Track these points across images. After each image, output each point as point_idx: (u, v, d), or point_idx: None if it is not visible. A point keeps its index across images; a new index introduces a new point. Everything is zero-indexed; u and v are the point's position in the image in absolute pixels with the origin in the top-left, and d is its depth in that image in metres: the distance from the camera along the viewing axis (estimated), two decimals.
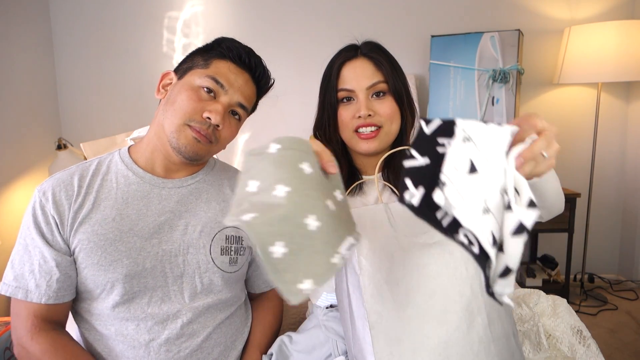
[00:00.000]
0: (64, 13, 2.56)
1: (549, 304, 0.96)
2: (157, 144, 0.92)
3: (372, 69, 0.96)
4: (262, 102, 1.06)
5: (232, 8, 2.58)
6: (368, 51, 0.98)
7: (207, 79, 0.89)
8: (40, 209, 0.86)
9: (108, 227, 0.86)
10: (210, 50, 0.93)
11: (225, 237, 0.95)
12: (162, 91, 0.95)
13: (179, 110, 0.88)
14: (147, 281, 0.87)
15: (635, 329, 2.22)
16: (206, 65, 0.91)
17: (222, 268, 0.94)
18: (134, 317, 0.87)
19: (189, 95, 0.88)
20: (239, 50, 0.92)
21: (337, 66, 0.99)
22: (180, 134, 0.88)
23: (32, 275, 0.84)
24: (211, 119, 0.88)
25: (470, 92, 2.31)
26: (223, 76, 0.90)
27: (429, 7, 2.57)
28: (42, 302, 0.84)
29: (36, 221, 0.86)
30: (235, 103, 0.92)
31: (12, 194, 2.22)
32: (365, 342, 0.72)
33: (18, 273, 0.85)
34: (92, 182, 0.90)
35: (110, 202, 0.88)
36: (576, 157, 2.68)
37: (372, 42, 1.01)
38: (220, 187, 1.00)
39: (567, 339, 0.89)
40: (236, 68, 0.92)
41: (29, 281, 0.84)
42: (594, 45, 2.26)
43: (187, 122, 0.87)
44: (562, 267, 2.58)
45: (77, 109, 2.64)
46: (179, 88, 0.90)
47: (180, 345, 0.89)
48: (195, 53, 0.95)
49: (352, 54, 0.98)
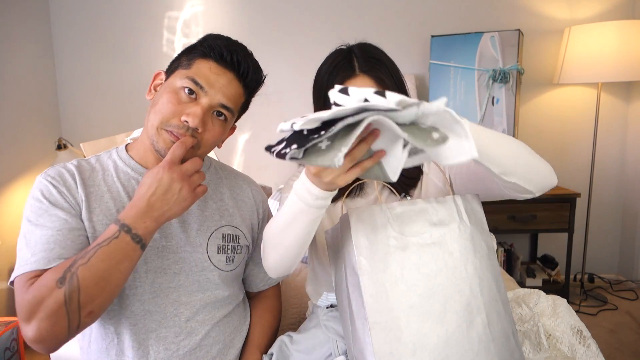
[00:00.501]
0: (64, 13, 2.56)
1: (549, 304, 0.96)
2: (148, 144, 0.91)
3: (373, 88, 0.93)
4: (261, 102, 1.06)
5: (232, 8, 2.58)
6: (368, 68, 0.92)
7: (187, 81, 0.86)
8: (53, 188, 0.84)
9: (112, 218, 0.86)
10: (193, 50, 0.90)
11: (222, 236, 0.96)
12: (152, 92, 0.93)
13: (158, 113, 0.86)
14: (147, 277, 0.88)
15: (635, 329, 2.22)
16: (189, 65, 0.88)
17: (218, 266, 0.94)
18: (132, 314, 0.87)
19: (169, 98, 0.86)
20: (220, 49, 0.88)
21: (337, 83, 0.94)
22: (159, 137, 0.86)
23: (54, 245, 0.79)
24: (189, 122, 0.84)
25: (470, 92, 2.31)
26: (203, 77, 0.86)
27: (429, 7, 2.57)
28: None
29: (52, 199, 0.83)
30: (217, 104, 0.88)
31: (12, 194, 2.22)
32: (365, 342, 0.72)
33: (36, 248, 0.79)
34: (93, 176, 0.90)
35: (113, 195, 0.89)
36: (576, 157, 2.68)
37: (367, 49, 0.95)
38: (216, 187, 1.00)
39: (567, 339, 0.89)
40: (218, 67, 0.88)
41: (51, 250, 0.78)
42: (594, 45, 2.26)
43: (164, 127, 0.85)
44: (562, 267, 2.58)
45: (77, 109, 2.64)
46: (162, 90, 0.89)
47: (179, 343, 0.89)
48: (182, 52, 0.93)
49: (351, 72, 0.92)
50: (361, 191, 1.02)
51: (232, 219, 0.99)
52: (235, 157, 2.70)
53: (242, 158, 2.71)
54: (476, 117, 2.31)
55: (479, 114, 2.31)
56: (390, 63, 0.95)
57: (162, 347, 0.88)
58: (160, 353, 0.87)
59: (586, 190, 2.52)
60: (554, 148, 2.69)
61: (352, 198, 1.01)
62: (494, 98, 2.27)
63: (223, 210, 0.98)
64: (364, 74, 0.91)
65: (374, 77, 0.91)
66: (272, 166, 2.67)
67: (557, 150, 2.69)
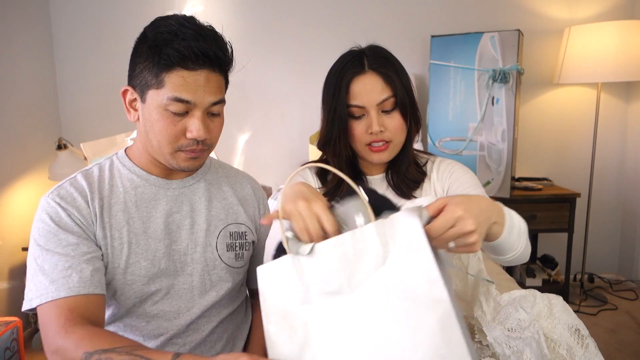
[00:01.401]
0: (64, 14, 2.56)
1: (545, 304, 0.95)
2: (150, 158, 0.91)
3: (381, 84, 0.95)
4: (262, 102, 1.06)
5: (232, 8, 2.58)
6: (377, 65, 0.96)
7: (172, 102, 0.80)
8: (62, 211, 0.83)
9: (123, 231, 0.87)
10: (152, 62, 0.80)
11: (229, 234, 0.97)
12: (132, 111, 0.88)
13: (162, 139, 0.83)
14: (162, 280, 0.89)
15: (635, 329, 2.22)
16: (159, 84, 0.80)
17: (229, 264, 0.96)
18: (145, 315, 0.89)
19: (164, 124, 0.82)
20: (183, 52, 0.78)
21: (346, 81, 0.97)
22: (177, 159, 0.86)
23: (71, 270, 0.78)
24: (196, 137, 0.83)
25: (470, 92, 2.31)
26: (183, 91, 0.80)
27: (429, 7, 2.57)
28: (89, 292, 0.78)
29: (61, 223, 0.82)
30: (209, 105, 0.84)
31: (12, 194, 2.22)
32: None
33: (53, 277, 0.78)
34: (101, 188, 0.89)
35: (121, 207, 0.88)
36: (576, 157, 2.68)
37: (378, 50, 0.99)
38: (219, 186, 1.01)
39: (564, 341, 0.88)
40: (190, 73, 0.80)
41: (68, 278, 0.78)
42: (593, 45, 2.27)
43: (176, 150, 0.85)
44: (562, 267, 2.58)
45: (77, 109, 2.64)
46: (148, 113, 0.83)
47: (186, 339, 0.91)
48: (136, 63, 0.84)
49: (360, 69, 0.96)
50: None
51: (237, 217, 1.00)
52: (235, 157, 2.70)
53: (242, 158, 2.71)
54: (476, 117, 2.32)
55: (479, 114, 2.31)
56: (399, 65, 0.99)
57: (169, 343, 0.90)
58: (167, 348, 0.89)
59: (586, 190, 2.52)
60: (554, 148, 2.69)
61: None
62: (494, 98, 2.27)
63: (228, 209, 0.99)
64: (373, 71, 0.96)
65: (381, 74, 0.95)
66: (272, 166, 2.68)
67: (557, 150, 2.69)
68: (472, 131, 2.34)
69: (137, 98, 0.85)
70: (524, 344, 0.87)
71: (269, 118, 2.63)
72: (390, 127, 0.97)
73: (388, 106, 0.96)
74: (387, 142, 0.98)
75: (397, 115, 0.97)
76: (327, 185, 1.04)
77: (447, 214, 0.63)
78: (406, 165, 1.02)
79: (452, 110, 2.36)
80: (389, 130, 0.97)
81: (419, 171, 1.04)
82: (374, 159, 1.00)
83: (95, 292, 0.79)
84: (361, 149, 1.00)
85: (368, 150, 0.99)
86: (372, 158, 1.00)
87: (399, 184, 1.02)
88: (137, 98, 0.85)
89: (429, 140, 2.42)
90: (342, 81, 0.97)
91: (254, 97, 2.59)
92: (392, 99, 0.96)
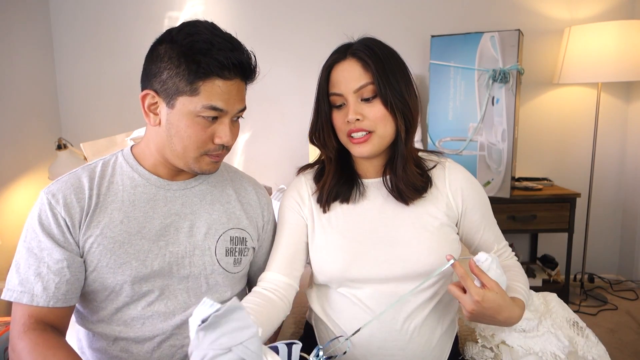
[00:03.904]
0: (64, 13, 2.56)
1: (541, 302, 0.96)
2: (160, 159, 0.91)
3: (359, 71, 0.91)
4: (262, 102, 1.06)
5: (232, 8, 2.58)
6: (357, 50, 0.92)
7: (206, 110, 0.82)
8: (49, 210, 0.84)
9: (116, 229, 0.86)
10: (188, 69, 0.80)
11: (229, 239, 0.96)
12: (151, 115, 0.87)
13: (190, 144, 0.85)
14: (155, 282, 0.89)
15: (635, 328, 2.22)
16: (194, 91, 0.81)
17: (227, 269, 0.95)
18: (140, 316, 0.88)
19: (194, 130, 0.84)
20: (227, 62, 0.81)
21: (326, 68, 0.95)
22: (200, 163, 0.88)
23: (38, 278, 0.81)
24: (224, 143, 0.87)
25: (470, 92, 2.31)
26: (219, 100, 0.82)
27: (429, 7, 2.57)
28: (49, 305, 0.81)
29: (45, 223, 0.83)
30: (236, 112, 0.88)
31: (12, 194, 2.22)
32: None
33: (23, 277, 0.82)
34: (100, 185, 0.89)
35: (117, 205, 0.88)
36: (576, 157, 2.68)
37: (366, 39, 0.95)
38: (223, 189, 1.00)
39: (566, 332, 0.89)
40: (225, 82, 0.82)
41: (34, 285, 0.81)
42: (594, 45, 2.26)
43: (202, 154, 0.87)
44: (562, 267, 2.58)
45: (77, 109, 2.64)
46: (177, 119, 0.83)
47: (184, 340, 0.91)
48: (160, 67, 0.83)
49: (341, 56, 0.94)
50: (362, 196, 1.00)
51: (239, 222, 0.98)
52: (235, 157, 2.70)
53: (242, 158, 2.71)
54: (476, 117, 2.31)
55: (479, 114, 2.31)
56: (389, 55, 0.94)
57: (167, 344, 0.89)
58: (165, 350, 0.89)
59: (586, 190, 2.52)
60: (554, 148, 2.69)
61: (354, 204, 0.99)
62: (494, 98, 2.27)
63: (230, 213, 0.98)
64: (352, 57, 0.93)
65: (360, 60, 0.91)
66: (272, 166, 2.67)
67: (557, 150, 2.69)
68: (472, 131, 2.34)
69: (161, 103, 0.85)
70: (544, 341, 0.87)
71: (269, 118, 2.63)
72: (370, 116, 0.91)
73: (367, 93, 0.91)
74: (368, 133, 0.92)
75: (378, 103, 0.91)
76: (316, 184, 1.03)
77: (464, 300, 0.78)
78: (402, 165, 0.94)
79: (452, 110, 2.36)
80: (368, 119, 0.91)
81: (421, 175, 0.97)
82: (356, 152, 0.94)
83: (55, 306, 0.82)
84: (345, 141, 0.96)
85: (350, 143, 0.95)
86: (354, 151, 0.95)
87: (398, 188, 0.95)
88: (161, 103, 0.85)
89: (429, 140, 2.42)
90: (324, 70, 0.96)
91: (254, 97, 2.59)
92: (371, 86, 0.90)
